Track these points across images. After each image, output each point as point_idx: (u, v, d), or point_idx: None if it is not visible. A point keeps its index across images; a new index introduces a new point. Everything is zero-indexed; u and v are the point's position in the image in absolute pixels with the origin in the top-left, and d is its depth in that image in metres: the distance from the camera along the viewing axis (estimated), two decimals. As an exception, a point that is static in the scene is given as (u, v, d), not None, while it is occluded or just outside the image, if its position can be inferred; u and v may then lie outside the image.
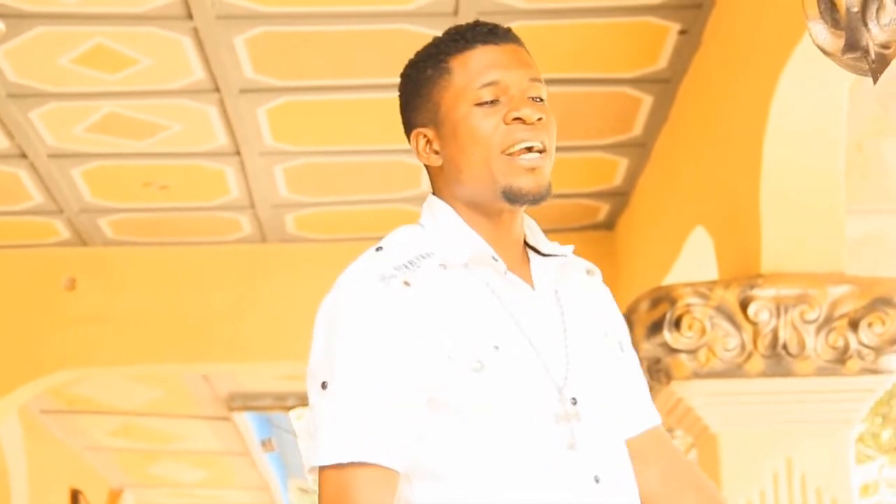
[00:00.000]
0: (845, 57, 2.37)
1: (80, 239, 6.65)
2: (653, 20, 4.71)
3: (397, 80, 4.79)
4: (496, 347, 1.85)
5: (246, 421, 9.23)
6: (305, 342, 6.89)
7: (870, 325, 4.02)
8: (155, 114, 5.37)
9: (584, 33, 4.81)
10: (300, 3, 4.58)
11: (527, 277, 1.94)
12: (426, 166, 1.99)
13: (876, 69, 2.32)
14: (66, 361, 6.77)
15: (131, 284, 6.71)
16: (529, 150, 1.90)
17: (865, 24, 2.30)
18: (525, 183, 1.89)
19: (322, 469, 1.80)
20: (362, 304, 1.86)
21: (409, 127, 1.99)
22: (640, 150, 5.75)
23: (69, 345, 6.66)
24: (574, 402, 1.86)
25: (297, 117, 5.42)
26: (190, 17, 4.57)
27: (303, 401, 8.77)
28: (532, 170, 1.90)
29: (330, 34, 4.77)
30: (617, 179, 6.11)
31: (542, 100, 1.95)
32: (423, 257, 1.90)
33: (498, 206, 1.92)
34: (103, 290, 6.71)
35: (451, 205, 1.96)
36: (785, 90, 3.96)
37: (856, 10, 2.31)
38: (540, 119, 1.91)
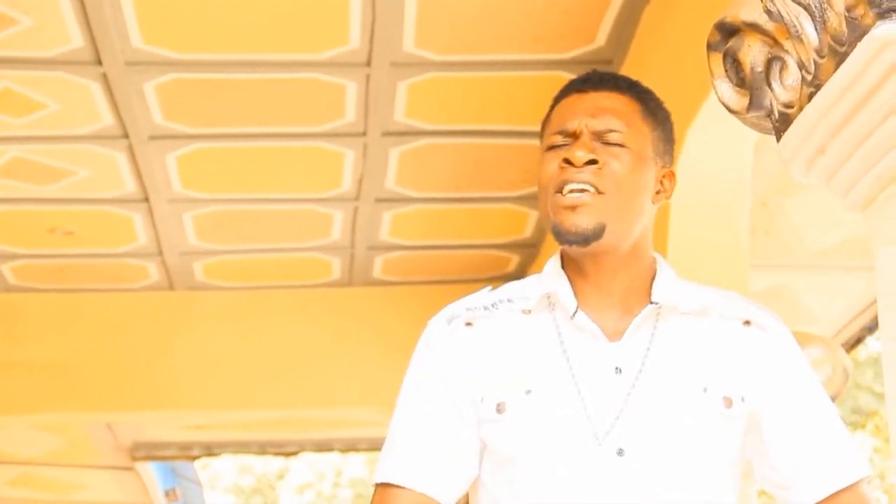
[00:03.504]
0: (750, 115, 2.41)
1: (-17, 284, 6.54)
2: (564, 74, 4.76)
3: (307, 128, 4.81)
4: (528, 392, 1.91)
5: (150, 470, 9.09)
6: (212, 391, 6.77)
7: (773, 378, 4.07)
8: (62, 159, 5.31)
9: (496, 86, 4.85)
10: (211, 51, 4.56)
11: (621, 325, 1.94)
12: None
13: (779, 128, 2.37)
14: (-35, 409, 6.64)
15: (34, 332, 6.59)
16: (573, 190, 1.94)
17: (769, 84, 2.34)
18: (563, 220, 1.94)
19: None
20: (422, 343, 2.02)
21: None
22: (549, 202, 5.78)
23: (-31, 392, 6.53)
24: (620, 452, 1.86)
25: (207, 165, 5.39)
26: (99, 62, 4.53)
27: (208, 450, 8.67)
28: (572, 208, 1.93)
29: (241, 82, 4.75)
30: (527, 231, 6.15)
31: (615, 144, 1.97)
32: (511, 301, 1.99)
33: (567, 248, 1.97)
34: (4, 338, 6.58)
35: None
36: (691, 147, 4.02)
37: (760, 69, 2.35)
38: (592, 161, 1.94)
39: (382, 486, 1.98)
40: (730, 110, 2.44)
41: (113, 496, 9.66)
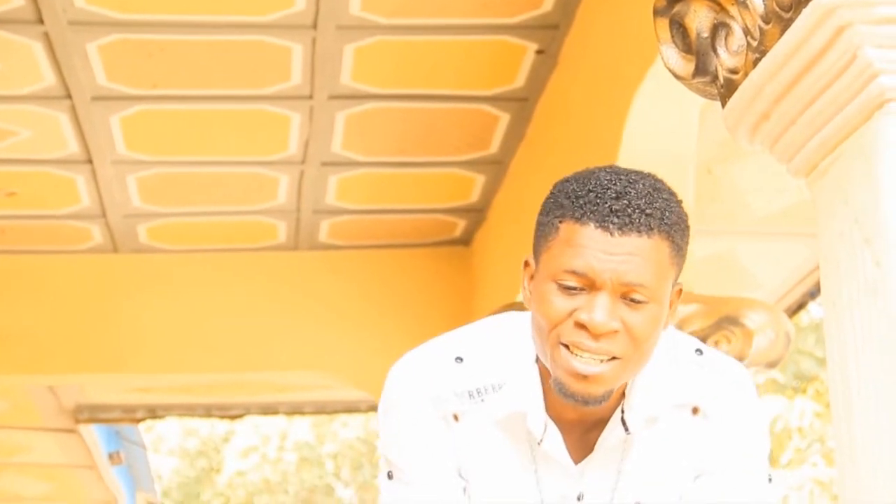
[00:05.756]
0: (695, 81, 2.42)
1: (-77, 246, 6.46)
2: (510, 39, 4.75)
3: (253, 90, 4.74)
4: None
5: (93, 433, 9.04)
6: (156, 354, 6.70)
7: (716, 343, 4.10)
8: (3, 119, 5.23)
9: (443, 50, 4.83)
10: (155, 11, 4.51)
11: (588, 439, 1.89)
12: None
13: (724, 94, 2.38)
14: None
15: (-25, 294, 6.53)
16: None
17: (714, 50, 2.35)
18: (570, 385, 1.79)
19: None
20: (409, 424, 1.90)
21: (532, 244, 1.89)
22: (496, 167, 5.79)
23: None
24: None
25: (151, 126, 5.33)
26: (41, 21, 4.47)
27: (152, 413, 8.63)
28: (585, 377, 1.78)
29: (186, 43, 4.71)
30: (473, 196, 6.15)
31: (639, 301, 1.78)
32: (495, 389, 1.88)
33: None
34: (-54, 299, 6.52)
35: (534, 345, 1.87)
36: (638, 112, 4.03)
37: (705, 35, 2.36)
38: (614, 332, 1.77)
39: None
40: (675, 76, 2.44)
41: (56, 459, 9.60)
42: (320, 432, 19.62)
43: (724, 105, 2.38)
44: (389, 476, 1.92)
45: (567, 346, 1.79)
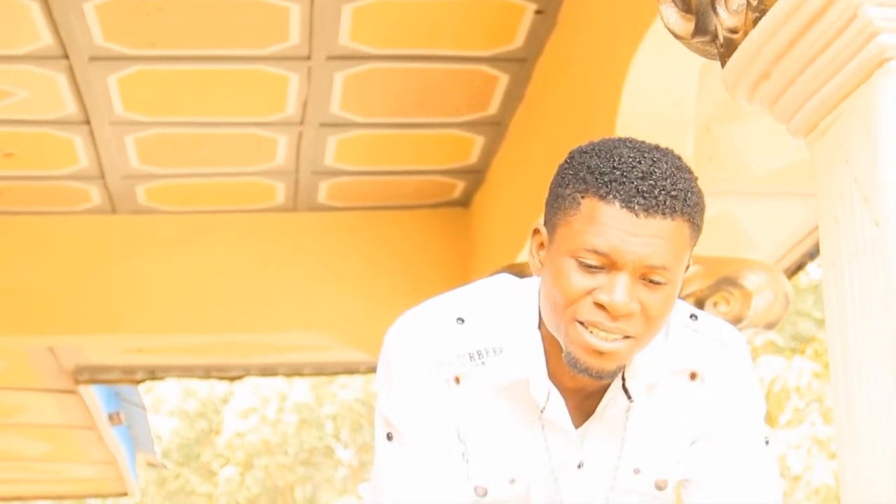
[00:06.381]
0: (695, 40, 2.41)
1: (-79, 207, 6.45)
2: (509, -1, 4.74)
3: (251, 51, 4.70)
4: (512, 481, 1.88)
5: (93, 394, 9.06)
6: (155, 315, 6.70)
7: (715, 304, 4.11)
8: (0, 80, 5.22)
9: (442, 10, 4.81)
10: (153, -30, 4.50)
11: (588, 405, 1.89)
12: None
13: (724, 53, 2.37)
14: None
15: (-26, 255, 6.53)
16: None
17: (714, 9, 2.34)
18: (585, 360, 1.80)
19: None
20: (410, 385, 1.88)
21: (544, 212, 1.88)
22: (495, 128, 5.78)
23: None
24: None
25: (149, 87, 5.32)
26: (38, -20, 4.46)
27: (152, 374, 8.65)
28: (599, 353, 1.79)
29: (183, 3, 4.68)
30: (472, 157, 6.14)
31: (658, 283, 1.78)
32: (496, 352, 1.87)
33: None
34: (-56, 261, 6.52)
35: (544, 315, 1.86)
36: (637, 72, 4.02)
37: (706, -6, 2.35)
38: (632, 313, 1.77)
39: None
40: (675, 35, 2.43)
41: (56, 419, 9.64)
42: (319, 394, 19.70)
43: (723, 65, 2.38)
44: (388, 437, 1.91)
45: (583, 323, 1.79)
